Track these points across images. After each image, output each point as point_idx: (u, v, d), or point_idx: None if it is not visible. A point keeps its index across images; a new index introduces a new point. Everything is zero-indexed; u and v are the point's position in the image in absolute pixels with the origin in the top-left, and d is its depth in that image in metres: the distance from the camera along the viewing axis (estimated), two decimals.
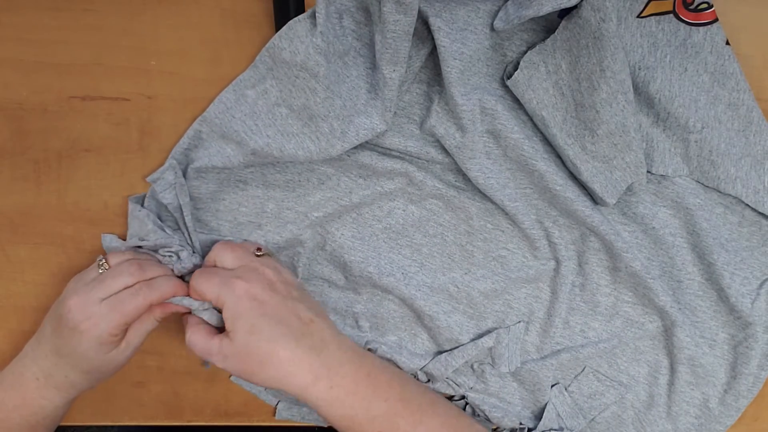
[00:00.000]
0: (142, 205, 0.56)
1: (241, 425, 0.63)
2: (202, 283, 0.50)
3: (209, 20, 0.54)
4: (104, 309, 0.50)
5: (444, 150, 0.54)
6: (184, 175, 0.55)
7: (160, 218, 0.56)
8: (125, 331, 0.53)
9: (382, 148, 0.55)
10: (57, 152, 0.56)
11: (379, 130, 0.52)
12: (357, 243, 0.57)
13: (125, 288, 0.51)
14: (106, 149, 0.56)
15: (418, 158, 0.55)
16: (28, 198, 0.57)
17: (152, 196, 0.56)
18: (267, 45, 0.52)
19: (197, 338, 0.50)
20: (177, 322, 0.60)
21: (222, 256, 0.52)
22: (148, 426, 0.63)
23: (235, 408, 0.62)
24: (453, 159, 0.54)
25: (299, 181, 0.56)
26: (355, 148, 0.54)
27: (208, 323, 0.52)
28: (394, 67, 0.49)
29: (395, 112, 0.54)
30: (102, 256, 0.53)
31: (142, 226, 0.54)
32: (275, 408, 0.61)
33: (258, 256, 0.53)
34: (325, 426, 0.61)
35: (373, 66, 0.52)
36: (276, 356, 0.48)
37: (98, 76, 0.55)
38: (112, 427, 0.62)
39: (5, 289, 0.59)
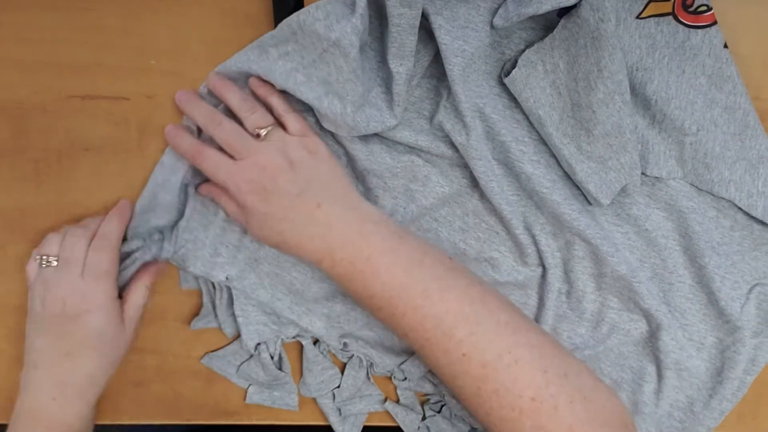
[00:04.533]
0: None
1: (240, 424, 0.60)
2: (209, 169, 0.49)
3: (209, 20, 0.52)
4: (89, 278, 0.49)
5: (454, 145, 0.52)
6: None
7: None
8: (123, 305, 0.52)
9: (391, 141, 0.53)
10: (57, 151, 0.54)
11: (389, 125, 0.49)
12: None
13: (88, 248, 0.50)
14: (106, 149, 0.54)
15: (428, 152, 0.53)
16: (28, 197, 0.55)
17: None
18: (297, 12, 0.48)
19: (231, 210, 0.51)
20: (177, 321, 0.58)
21: (223, 137, 0.50)
22: (148, 425, 0.60)
23: (235, 407, 0.59)
24: (462, 154, 0.52)
25: None
26: (366, 135, 0.52)
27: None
28: (401, 62, 0.47)
29: (405, 108, 0.51)
30: (36, 253, 0.51)
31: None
32: (246, 391, 0.58)
33: (259, 136, 0.50)
34: (320, 424, 0.59)
35: (384, 60, 0.49)
36: (285, 243, 0.49)
37: (98, 75, 0.53)
38: (112, 426, 0.60)
39: (5, 288, 0.56)
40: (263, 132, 0.49)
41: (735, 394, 0.54)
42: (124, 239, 0.53)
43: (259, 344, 0.56)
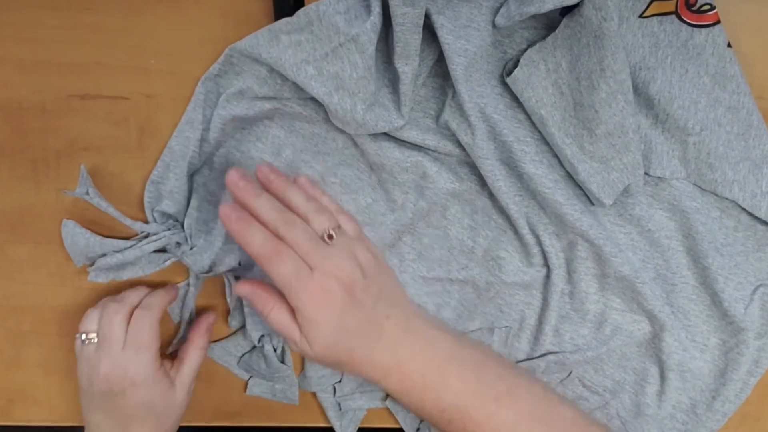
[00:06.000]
0: None
1: (241, 425, 0.60)
2: (285, 275, 0.44)
3: (209, 19, 0.51)
4: (130, 352, 0.48)
5: (461, 144, 0.51)
6: (209, 124, 0.51)
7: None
8: (169, 368, 0.52)
9: (400, 140, 0.52)
10: (56, 151, 0.53)
11: (396, 125, 0.49)
12: (365, 228, 0.54)
13: (126, 322, 0.49)
14: (106, 148, 0.53)
15: (435, 151, 0.52)
16: (28, 197, 0.54)
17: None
18: (317, 2, 0.47)
19: (281, 321, 0.47)
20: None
21: (296, 241, 0.45)
22: None
23: (235, 408, 0.59)
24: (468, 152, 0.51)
25: (324, 138, 0.53)
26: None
27: (287, 303, 0.46)
28: (406, 61, 0.46)
29: (411, 107, 0.51)
30: (78, 334, 0.51)
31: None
32: (246, 383, 0.58)
33: (331, 238, 0.46)
34: (320, 426, 0.58)
35: (389, 60, 0.49)
36: (351, 361, 0.47)
37: (97, 75, 0.52)
38: None
39: (4, 288, 0.56)
40: (334, 234, 0.46)
41: (738, 396, 0.53)
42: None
43: (262, 336, 0.56)
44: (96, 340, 0.49)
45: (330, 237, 0.46)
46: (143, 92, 0.52)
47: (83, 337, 0.50)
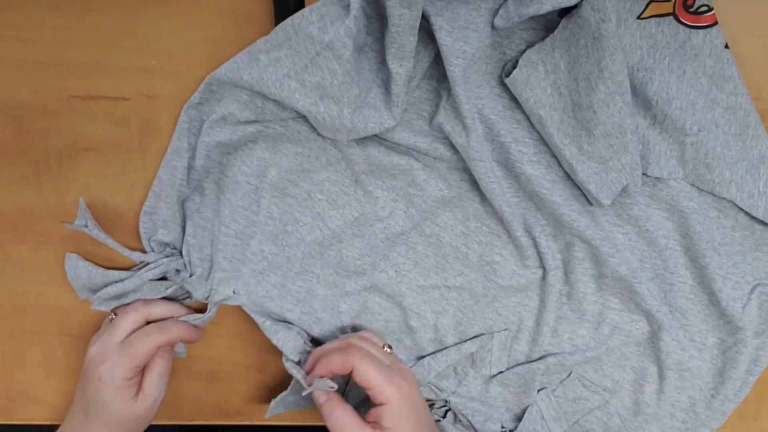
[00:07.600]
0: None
1: (241, 425, 0.59)
2: (367, 370, 0.46)
3: (209, 20, 0.52)
4: (117, 350, 0.49)
5: (453, 147, 0.51)
6: (195, 150, 0.52)
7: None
8: (140, 380, 0.51)
9: (390, 142, 0.52)
10: (57, 152, 0.53)
11: (387, 126, 0.49)
12: (356, 240, 0.54)
13: (135, 327, 0.51)
14: (106, 149, 0.53)
15: (426, 155, 0.52)
16: (29, 197, 0.54)
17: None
18: (293, 15, 0.47)
19: (349, 422, 0.46)
20: None
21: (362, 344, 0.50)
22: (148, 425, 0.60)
23: (235, 407, 0.59)
24: (461, 156, 0.51)
25: (308, 156, 0.53)
26: (363, 138, 0.51)
27: (348, 403, 0.48)
28: (400, 62, 0.46)
29: (405, 108, 0.51)
30: (112, 313, 0.53)
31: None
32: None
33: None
34: (321, 425, 0.57)
35: (384, 61, 0.49)
36: None
37: (98, 75, 0.52)
38: None
39: (6, 288, 0.56)
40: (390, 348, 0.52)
41: (737, 395, 0.54)
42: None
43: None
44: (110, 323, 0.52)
45: (390, 347, 0.52)
46: (144, 93, 0.52)
47: (111, 315, 0.53)
